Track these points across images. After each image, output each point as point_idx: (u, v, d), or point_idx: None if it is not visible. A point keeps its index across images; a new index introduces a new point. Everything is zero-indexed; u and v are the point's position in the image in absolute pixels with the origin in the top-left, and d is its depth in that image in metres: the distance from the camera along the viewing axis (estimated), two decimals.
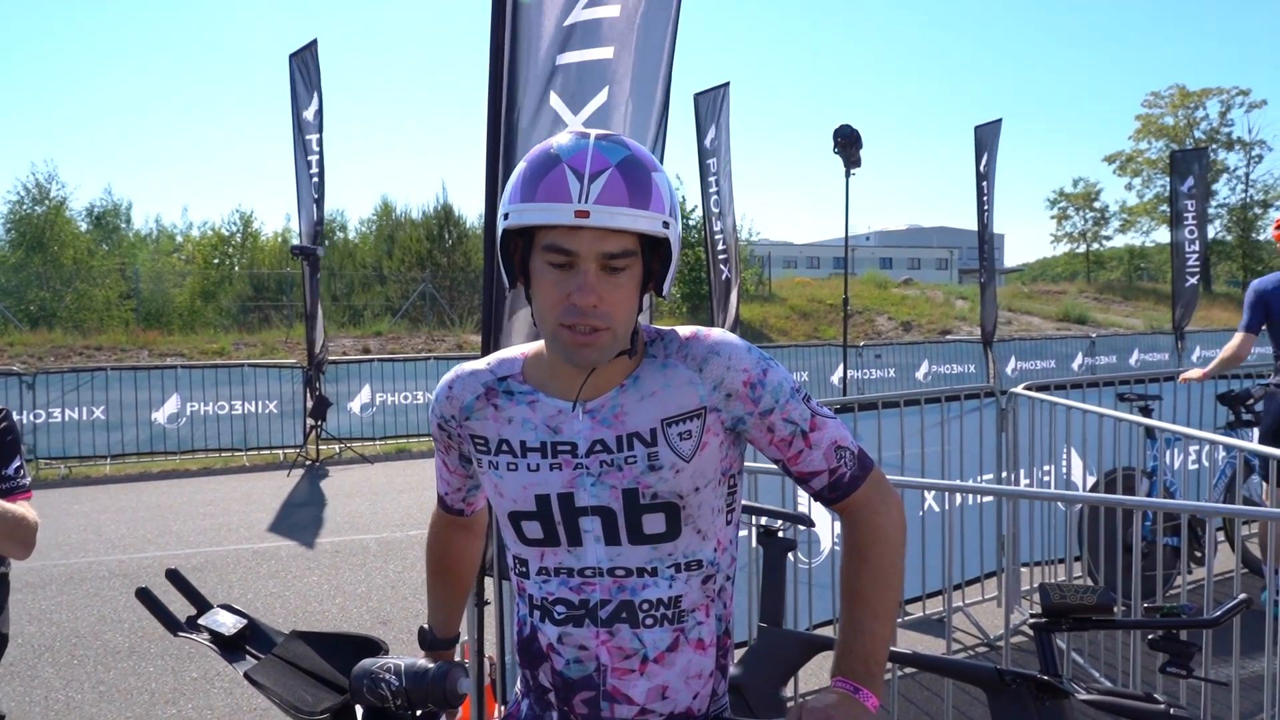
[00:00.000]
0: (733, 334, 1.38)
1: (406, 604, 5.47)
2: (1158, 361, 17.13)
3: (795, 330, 22.38)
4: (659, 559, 1.34)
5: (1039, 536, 4.94)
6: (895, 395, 4.75)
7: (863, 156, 7.75)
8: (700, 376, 1.32)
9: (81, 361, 16.03)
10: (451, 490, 1.58)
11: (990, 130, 13.12)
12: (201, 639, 1.53)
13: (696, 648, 1.36)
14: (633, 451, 1.32)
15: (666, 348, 1.35)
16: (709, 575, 1.37)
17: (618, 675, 1.34)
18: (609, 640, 1.34)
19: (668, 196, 1.27)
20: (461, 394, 1.41)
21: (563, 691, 1.36)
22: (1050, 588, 2.14)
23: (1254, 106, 38.98)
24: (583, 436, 1.33)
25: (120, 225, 28.60)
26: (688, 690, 1.36)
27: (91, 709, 4.08)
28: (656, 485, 1.31)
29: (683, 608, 1.35)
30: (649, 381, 1.33)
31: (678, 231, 1.30)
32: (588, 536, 1.35)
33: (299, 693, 1.46)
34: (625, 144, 1.27)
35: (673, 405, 1.32)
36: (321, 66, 10.24)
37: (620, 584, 1.34)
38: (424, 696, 1.39)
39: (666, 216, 1.25)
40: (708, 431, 1.33)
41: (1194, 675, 2.09)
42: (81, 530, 7.43)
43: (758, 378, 1.33)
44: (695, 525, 1.35)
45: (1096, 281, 37.89)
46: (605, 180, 1.21)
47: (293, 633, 1.57)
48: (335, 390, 11.30)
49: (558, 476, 1.34)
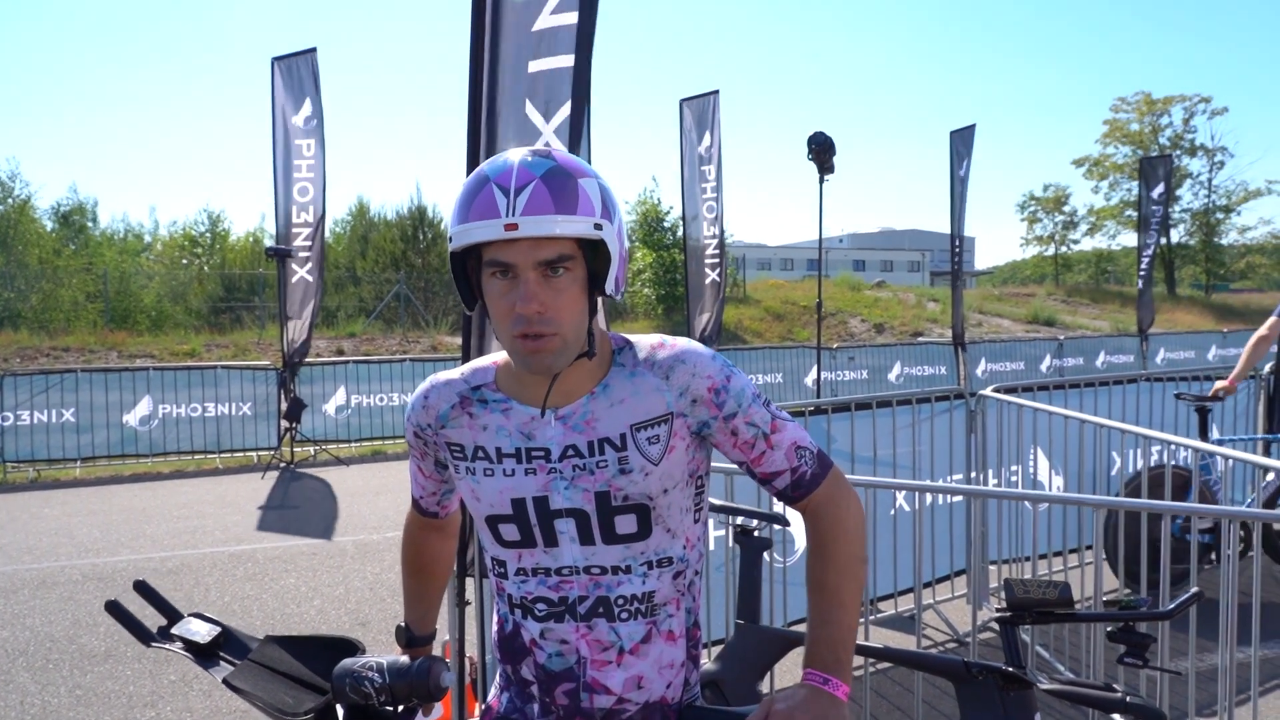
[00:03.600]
0: (698, 342, 1.44)
1: (385, 605, 5.49)
2: (1123, 364, 17.47)
3: (769, 332, 22.54)
4: (632, 557, 1.40)
5: (1006, 535, 5.07)
6: (868, 397, 4.85)
7: (836, 162, 7.89)
8: (667, 384, 1.38)
9: (49, 363, 15.80)
10: (426, 494, 1.63)
11: (964, 136, 13.34)
12: (175, 648, 1.54)
13: (668, 639, 1.43)
14: (604, 456, 1.37)
15: (634, 357, 1.41)
16: (679, 571, 1.44)
17: (596, 667, 1.40)
18: (588, 634, 1.41)
19: (598, 199, 1.31)
20: (437, 403, 1.47)
21: (545, 683, 1.43)
22: (1014, 583, 2.23)
23: (1216, 114, 39.79)
24: (555, 442, 1.39)
25: (87, 224, 28.14)
26: (661, 680, 1.43)
27: (69, 713, 4.07)
28: (627, 488, 1.37)
29: (655, 602, 1.42)
30: (618, 389, 1.39)
31: (616, 231, 1.34)
32: (563, 537, 1.40)
33: (280, 695, 1.48)
34: (551, 156, 1.33)
35: (641, 411, 1.38)
36: (296, 67, 10.22)
37: (596, 581, 1.40)
38: (408, 691, 1.42)
39: (597, 219, 1.30)
40: (675, 436, 1.39)
41: (1150, 665, 2.20)
42: (53, 534, 7.35)
43: (721, 384, 1.39)
44: (665, 525, 1.41)
45: (1064, 284, 38.50)
46: (530, 192, 1.27)
47: (267, 638, 1.59)
48: (310, 392, 11.25)
49: (532, 481, 1.40)
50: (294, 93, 10.29)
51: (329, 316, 21.83)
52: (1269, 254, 41.72)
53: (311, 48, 10.34)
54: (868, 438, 4.74)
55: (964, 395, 5.17)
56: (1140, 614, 2.17)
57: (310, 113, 10.37)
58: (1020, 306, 28.44)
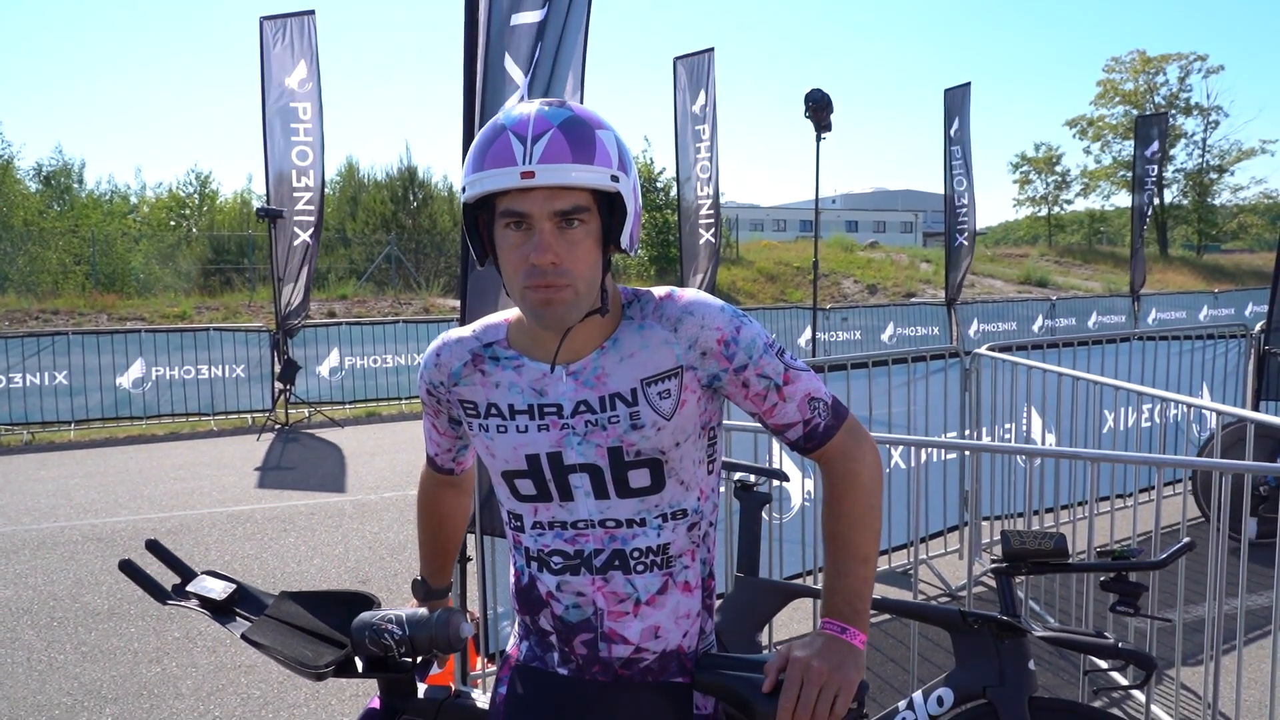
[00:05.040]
0: (706, 293, 1.42)
1: (384, 564, 5.54)
2: (1115, 324, 17.56)
3: (762, 293, 22.52)
4: (646, 510, 1.41)
5: (999, 491, 5.14)
6: (864, 356, 4.88)
7: (832, 120, 7.83)
8: (675, 336, 1.37)
9: (38, 325, 15.70)
10: (441, 451, 1.63)
11: (960, 94, 13.20)
12: (191, 605, 1.56)
13: (684, 590, 1.44)
14: (615, 411, 1.37)
15: (643, 309, 1.39)
16: (694, 523, 1.44)
17: (613, 618, 1.42)
18: (604, 586, 1.42)
19: (615, 152, 1.29)
20: (449, 360, 1.47)
21: (563, 634, 1.45)
22: (1011, 534, 2.28)
23: (1211, 72, 39.51)
24: (567, 398, 1.38)
25: (72, 185, 27.77)
26: (678, 629, 1.45)
27: (75, 669, 4.12)
28: (640, 443, 1.37)
29: (670, 554, 1.43)
30: (627, 343, 1.38)
31: (632, 186, 1.33)
32: (578, 492, 1.41)
33: (299, 649, 1.50)
34: (568, 106, 1.31)
35: (651, 365, 1.37)
36: (289, 27, 10.05)
37: (611, 534, 1.41)
38: (428, 643, 1.44)
39: (614, 170, 1.28)
40: (685, 389, 1.38)
41: (1141, 613, 2.25)
42: (50, 495, 7.37)
43: (731, 335, 1.37)
44: (679, 477, 1.41)
45: (1057, 245, 38.50)
46: (548, 140, 1.25)
47: (282, 594, 1.60)
48: (303, 354, 11.23)
49: (546, 437, 1.40)
50: (287, 54, 10.11)
51: (320, 279, 21.70)
52: (1261, 214, 41.72)
53: (309, 10, 10.13)
54: (864, 396, 4.78)
55: (959, 354, 5.20)
56: (1133, 564, 2.22)
57: (306, 75, 10.21)
58: (1013, 267, 28.47)
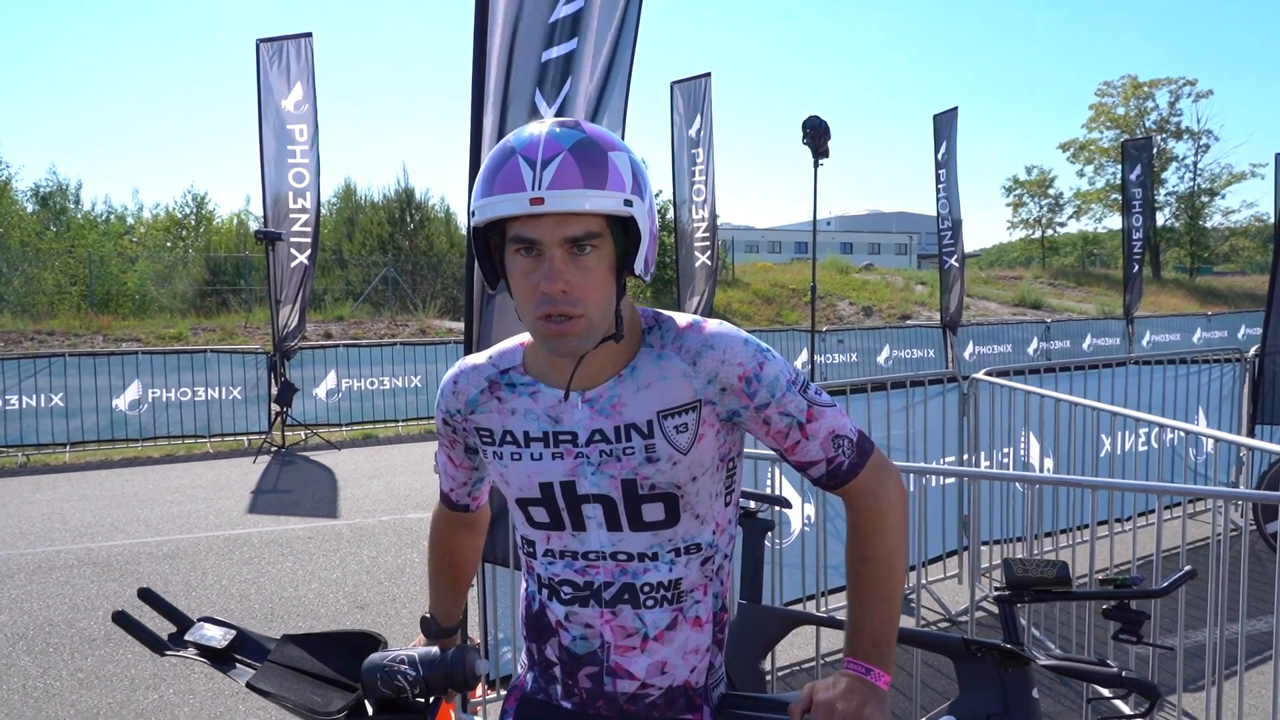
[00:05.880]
0: (731, 325, 1.37)
1: (382, 588, 5.52)
2: (1109, 346, 17.63)
3: (758, 315, 22.59)
4: (659, 544, 1.37)
5: (998, 516, 5.15)
6: (863, 380, 4.90)
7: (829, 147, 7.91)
8: (694, 370, 1.32)
9: (33, 347, 15.67)
10: (457, 485, 1.60)
11: (947, 119, 13.35)
12: (190, 654, 1.50)
13: (694, 625, 1.41)
14: (630, 443, 1.33)
15: (663, 338, 1.35)
16: (708, 557, 1.40)
17: (620, 652, 1.39)
18: (613, 620, 1.39)
19: (629, 174, 1.25)
20: (466, 388, 1.44)
21: (569, 665, 1.42)
22: (1013, 562, 2.29)
23: (1201, 96, 40.03)
24: (582, 426, 1.35)
25: (68, 206, 27.81)
26: (685, 665, 1.41)
27: (71, 695, 4.09)
28: (654, 476, 1.33)
29: (682, 589, 1.39)
30: (645, 373, 1.34)
31: (648, 209, 1.27)
32: (590, 522, 1.38)
33: (307, 695, 1.45)
34: (580, 127, 1.26)
35: (668, 398, 1.33)
36: (286, 50, 10.13)
37: (623, 568, 1.38)
38: (443, 682, 1.40)
39: (628, 194, 1.23)
40: (704, 424, 1.34)
41: (1144, 641, 2.26)
42: (45, 519, 7.34)
43: (753, 372, 1.32)
44: (694, 511, 1.37)
45: (1051, 267, 38.72)
46: (558, 165, 1.20)
47: (284, 637, 1.55)
48: (300, 376, 11.22)
49: (560, 465, 1.37)
50: (283, 76, 10.20)
51: (316, 300, 21.72)
52: (1252, 237, 42.06)
53: (306, 32, 10.24)
54: (863, 420, 4.80)
55: (957, 379, 5.23)
56: (1135, 591, 2.23)
57: (302, 97, 10.29)
58: (1007, 289, 28.62)
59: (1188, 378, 6.34)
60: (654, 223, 1.31)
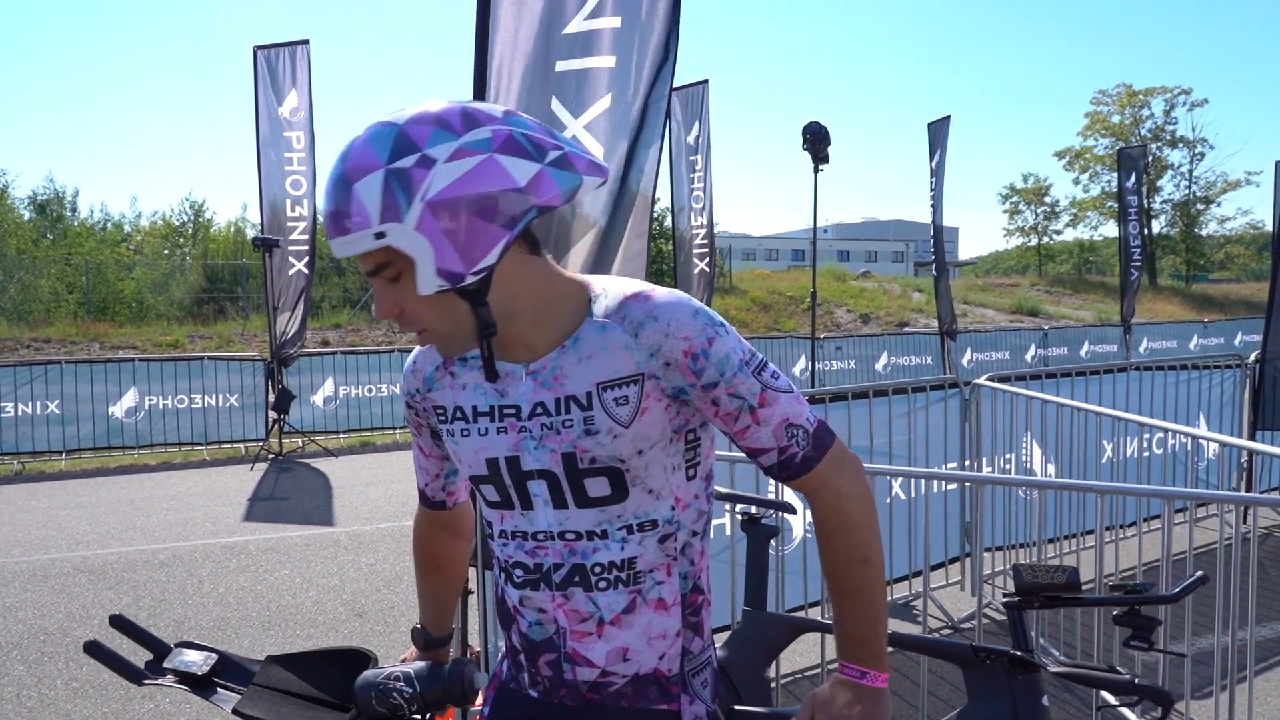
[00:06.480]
0: (682, 294, 1.28)
1: (380, 596, 5.48)
2: (1107, 353, 17.65)
3: (756, 322, 22.59)
4: (608, 521, 1.31)
5: (1000, 522, 5.13)
6: (864, 386, 4.89)
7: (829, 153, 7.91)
8: (636, 342, 1.25)
9: (29, 354, 15.62)
10: (430, 479, 1.55)
11: (940, 127, 13.38)
12: (168, 682, 1.43)
13: (657, 608, 1.33)
14: (569, 415, 1.28)
15: (607, 306, 1.28)
16: (666, 534, 1.32)
17: (576, 638, 1.33)
18: (565, 604, 1.33)
19: (377, 199, 1.14)
20: (423, 366, 1.43)
21: (530, 653, 1.38)
22: (1023, 568, 2.26)
23: (1195, 105, 40.22)
24: (525, 399, 1.30)
25: (65, 214, 27.78)
26: (651, 651, 1.34)
27: (66, 705, 4.04)
28: (594, 450, 1.27)
29: (638, 569, 1.32)
30: (587, 343, 1.27)
31: (415, 223, 1.14)
32: (537, 500, 1.33)
33: (298, 718, 1.41)
34: (348, 153, 1.17)
35: (609, 369, 1.26)
36: (283, 57, 10.13)
37: (571, 547, 1.32)
38: (441, 698, 1.35)
39: (376, 227, 1.14)
40: (647, 397, 1.26)
41: (1155, 648, 2.23)
42: (41, 527, 7.28)
43: (700, 348, 1.24)
44: (645, 485, 1.30)
45: (1047, 275, 38.84)
46: (326, 214, 1.19)
47: (268, 659, 1.50)
48: (297, 383, 11.18)
49: (504, 440, 1.33)
50: (279, 84, 10.20)
51: (314, 307, 21.68)
52: (1248, 244, 42.22)
53: (303, 40, 10.23)
54: (864, 426, 4.78)
55: (959, 384, 5.22)
56: (1146, 597, 2.20)
57: (297, 104, 10.28)
58: (1004, 296, 28.67)
59: (1188, 384, 6.33)
60: (449, 224, 1.15)
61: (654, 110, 2.87)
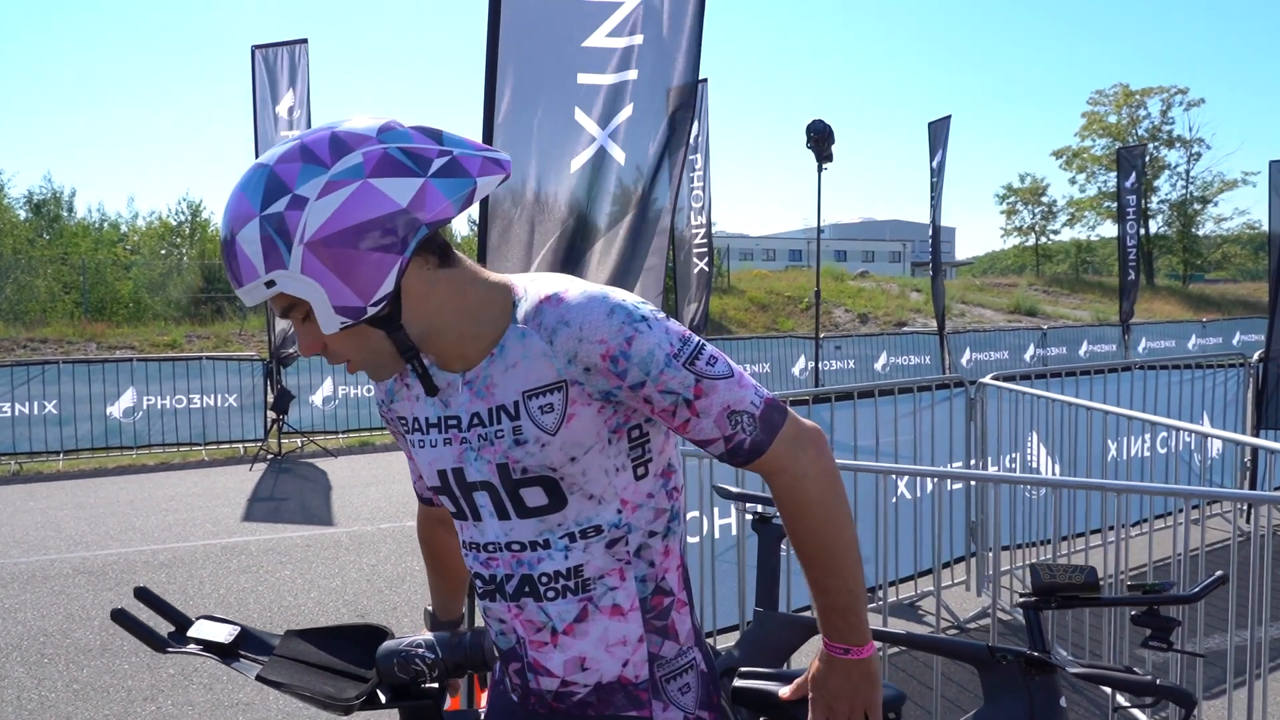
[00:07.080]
0: (599, 290, 1.22)
1: (383, 596, 5.45)
2: (1105, 352, 17.66)
3: (754, 322, 22.58)
4: (548, 531, 1.28)
5: (1005, 521, 5.11)
6: (870, 385, 4.87)
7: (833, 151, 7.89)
8: (552, 349, 1.21)
9: (26, 354, 15.56)
10: (417, 477, 1.57)
11: (941, 126, 13.36)
12: (193, 650, 1.48)
13: (613, 614, 1.30)
14: (500, 425, 1.25)
15: (527, 311, 1.24)
16: (615, 539, 1.28)
17: (534, 648, 1.33)
18: (519, 614, 1.33)
19: (258, 249, 1.13)
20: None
21: (502, 661, 1.40)
22: (1040, 568, 2.24)
23: (1192, 105, 40.20)
24: (464, 410, 1.29)
25: (62, 214, 27.68)
26: (612, 658, 1.30)
27: (67, 708, 4.01)
28: (524, 459, 1.25)
29: (586, 576, 1.28)
30: (511, 351, 1.24)
31: (293, 276, 1.14)
32: (483, 511, 1.32)
33: (320, 685, 1.44)
34: (225, 215, 1.18)
35: (532, 378, 1.23)
36: (281, 56, 10.09)
37: (518, 558, 1.31)
38: (462, 663, 1.40)
39: (265, 276, 1.14)
40: (573, 403, 1.22)
41: (1174, 649, 2.21)
42: (39, 527, 7.24)
43: (619, 349, 1.18)
44: (585, 492, 1.27)
45: (1045, 275, 38.86)
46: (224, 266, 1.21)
47: (288, 632, 1.55)
48: (296, 383, 11.14)
49: (449, 452, 1.31)
50: (277, 83, 10.15)
51: None
52: (1244, 244, 42.28)
53: (301, 39, 10.18)
54: (869, 426, 4.76)
55: (964, 384, 5.20)
56: (1166, 597, 2.18)
57: (293, 104, 10.23)
58: (1002, 296, 28.68)
59: (1191, 383, 6.32)
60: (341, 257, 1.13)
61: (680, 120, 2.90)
